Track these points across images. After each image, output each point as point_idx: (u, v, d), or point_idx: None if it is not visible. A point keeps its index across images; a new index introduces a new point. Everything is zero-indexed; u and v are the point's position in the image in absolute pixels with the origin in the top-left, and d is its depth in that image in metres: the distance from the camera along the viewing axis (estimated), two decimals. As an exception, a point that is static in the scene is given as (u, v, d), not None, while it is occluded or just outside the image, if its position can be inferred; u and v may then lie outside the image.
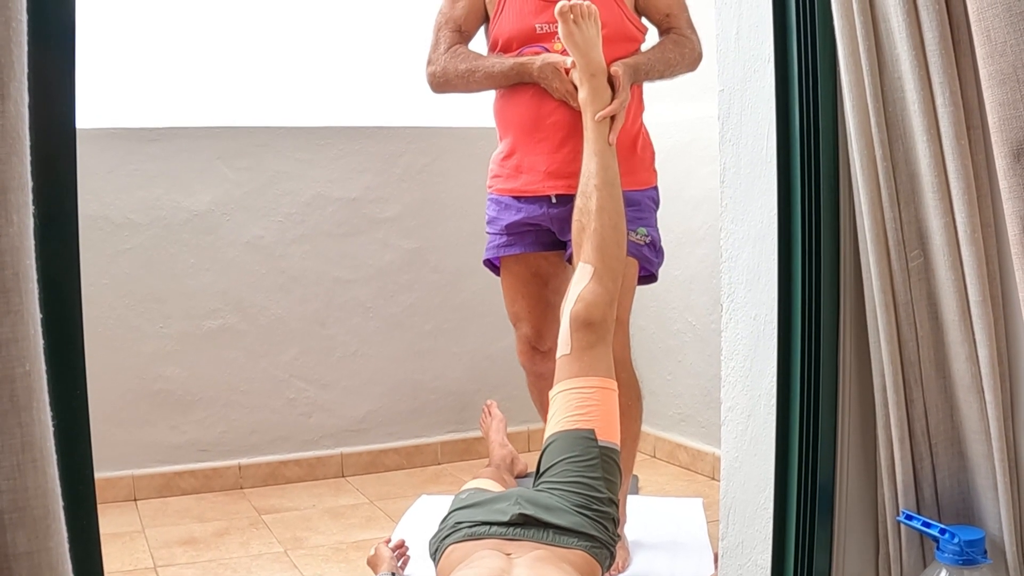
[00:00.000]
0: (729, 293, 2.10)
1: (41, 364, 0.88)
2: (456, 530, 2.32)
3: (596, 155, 2.76)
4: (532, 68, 2.92)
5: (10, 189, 0.85)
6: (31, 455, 0.86)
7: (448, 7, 3.12)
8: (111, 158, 3.88)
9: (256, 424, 4.16)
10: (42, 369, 0.88)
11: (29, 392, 0.86)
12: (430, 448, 4.47)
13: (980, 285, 1.73)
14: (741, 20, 2.03)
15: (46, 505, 0.87)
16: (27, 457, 0.86)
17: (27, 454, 0.86)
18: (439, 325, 4.47)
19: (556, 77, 2.88)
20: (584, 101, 2.82)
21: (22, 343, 0.85)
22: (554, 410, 2.50)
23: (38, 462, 0.86)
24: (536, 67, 2.91)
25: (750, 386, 2.03)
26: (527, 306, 3.20)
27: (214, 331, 4.07)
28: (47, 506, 0.87)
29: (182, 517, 3.75)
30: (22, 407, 0.85)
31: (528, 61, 2.93)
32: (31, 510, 0.85)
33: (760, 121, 1.98)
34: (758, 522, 2.01)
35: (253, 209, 4.10)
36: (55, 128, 1.26)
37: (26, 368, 0.86)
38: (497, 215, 3.12)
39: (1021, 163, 1.26)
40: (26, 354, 0.86)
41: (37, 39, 1.23)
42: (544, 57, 2.92)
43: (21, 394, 0.85)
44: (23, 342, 0.86)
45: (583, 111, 2.83)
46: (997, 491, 1.77)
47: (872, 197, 1.81)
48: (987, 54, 1.29)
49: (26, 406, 0.86)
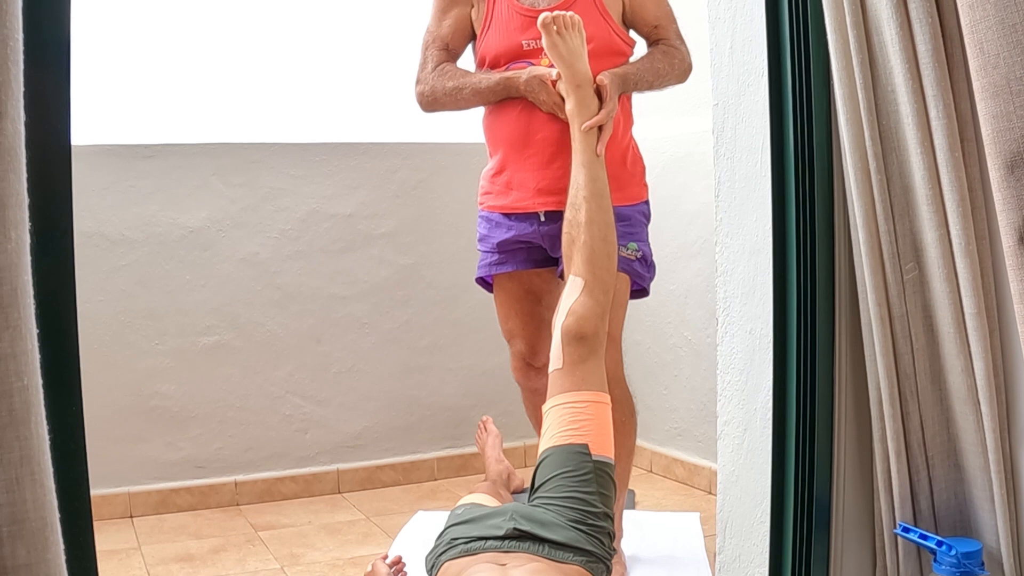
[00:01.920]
0: (725, 307, 2.10)
1: (38, 378, 0.89)
2: (452, 546, 2.31)
3: (584, 167, 2.74)
4: (519, 82, 2.91)
5: (8, 206, 0.86)
6: (29, 468, 0.86)
7: (435, 26, 3.11)
8: (106, 175, 3.88)
9: (252, 440, 4.15)
10: (39, 383, 0.89)
11: (27, 406, 0.86)
12: (426, 464, 4.46)
13: (975, 297, 1.73)
14: (735, 34, 2.04)
15: (44, 518, 0.87)
16: (25, 470, 0.86)
17: (25, 467, 0.86)
18: (435, 341, 4.47)
19: (543, 89, 2.87)
20: (571, 112, 2.80)
21: (20, 358, 0.86)
22: (547, 425, 2.49)
23: (36, 475, 0.87)
24: (522, 81, 2.90)
25: (746, 400, 2.04)
26: (521, 323, 3.19)
27: (210, 348, 4.07)
28: (45, 519, 0.88)
29: (178, 534, 3.74)
30: (20, 421, 0.86)
31: (514, 75, 2.92)
32: (29, 523, 0.86)
33: (754, 135, 1.99)
34: (755, 536, 2.01)
35: (248, 226, 4.10)
36: (51, 145, 1.27)
37: (24, 382, 0.86)
38: (488, 233, 3.12)
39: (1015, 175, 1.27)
40: (24, 369, 0.86)
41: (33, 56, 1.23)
42: (530, 70, 2.90)
43: (19, 408, 0.86)
44: (21, 357, 0.86)
45: (570, 123, 2.81)
46: (994, 503, 1.77)
47: (867, 210, 1.81)
48: (980, 66, 1.29)
49: (24, 420, 0.86)
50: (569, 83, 2.79)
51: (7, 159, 0.86)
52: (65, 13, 1.28)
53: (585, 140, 2.76)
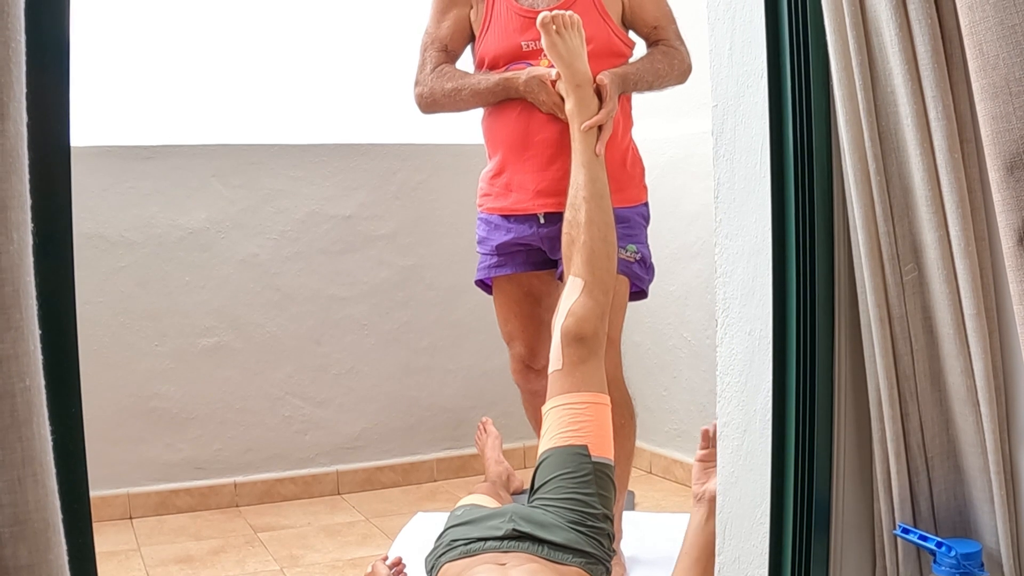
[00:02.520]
0: (724, 308, 2.10)
1: (40, 379, 0.89)
2: (452, 548, 2.31)
3: (584, 167, 2.73)
4: (518, 83, 2.91)
5: (10, 208, 0.86)
6: (31, 469, 0.86)
7: (433, 27, 3.11)
8: (106, 176, 3.89)
9: (252, 442, 4.15)
10: (41, 384, 0.89)
11: (29, 407, 0.87)
12: (426, 465, 4.46)
13: (975, 298, 1.73)
14: (734, 35, 2.03)
15: (46, 519, 0.88)
16: (28, 471, 0.86)
17: (28, 468, 0.86)
18: (434, 342, 4.47)
19: (542, 90, 2.87)
20: (571, 112, 2.79)
21: (22, 359, 0.86)
22: (547, 426, 2.49)
23: (39, 476, 0.87)
24: (522, 81, 2.90)
25: (745, 401, 2.03)
26: (520, 325, 3.19)
27: (209, 349, 4.07)
28: (47, 519, 0.88)
29: (178, 535, 3.74)
30: (23, 422, 0.86)
31: (513, 76, 2.92)
32: (32, 523, 0.86)
33: (754, 136, 1.98)
34: (754, 537, 2.01)
35: (248, 227, 4.10)
36: (50, 146, 1.27)
37: (26, 383, 0.86)
38: (487, 235, 3.11)
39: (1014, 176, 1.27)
40: (26, 370, 0.87)
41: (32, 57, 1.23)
42: (530, 71, 2.90)
43: (21, 409, 0.86)
44: (23, 358, 0.86)
45: (570, 123, 2.80)
46: (993, 504, 1.77)
47: (866, 211, 1.81)
48: (979, 67, 1.29)
49: (26, 421, 0.86)
50: (568, 83, 2.79)
51: (9, 161, 0.86)
52: (64, 14, 1.28)
53: (585, 140, 2.76)
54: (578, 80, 2.78)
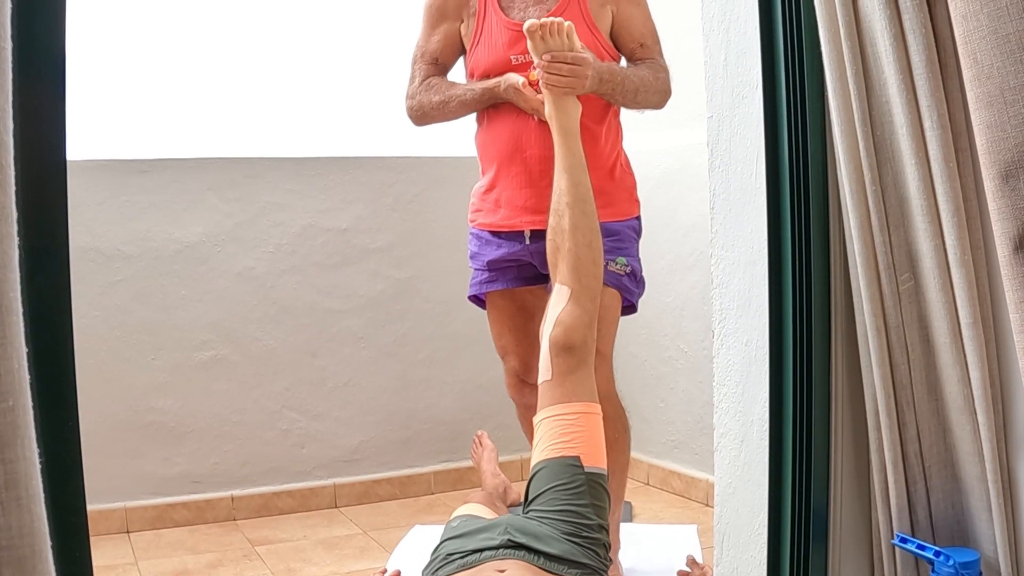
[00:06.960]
0: (720, 319, 2.10)
1: (27, 399, 0.86)
2: (448, 561, 2.30)
3: (566, 172, 2.71)
4: (499, 89, 2.93)
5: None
6: (15, 493, 0.84)
7: (423, 41, 3.12)
8: (102, 190, 3.88)
9: (249, 455, 4.14)
10: (28, 404, 0.86)
11: (13, 428, 0.84)
12: (423, 478, 4.46)
13: (971, 307, 1.74)
14: (729, 47, 2.04)
15: (32, 544, 0.85)
16: (11, 495, 0.84)
17: (11, 492, 0.84)
18: (431, 355, 4.46)
19: (519, 96, 2.88)
20: (550, 115, 2.79)
21: (5, 378, 0.84)
22: (539, 437, 2.48)
23: (23, 500, 0.85)
24: (502, 88, 2.92)
25: (743, 412, 2.04)
26: (514, 340, 3.19)
27: (206, 362, 4.06)
28: (33, 545, 0.85)
29: (175, 549, 3.73)
30: (6, 444, 0.84)
31: (494, 83, 2.94)
32: (16, 549, 0.84)
33: (749, 147, 1.99)
34: (752, 548, 2.01)
35: (244, 240, 4.10)
36: (46, 160, 1.27)
37: (9, 404, 0.84)
38: (479, 250, 3.12)
39: (1009, 184, 1.27)
40: (9, 389, 0.84)
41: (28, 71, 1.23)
42: (507, 77, 2.91)
43: (5, 431, 0.83)
44: (6, 377, 0.84)
45: (550, 124, 2.80)
46: (991, 512, 1.77)
47: (862, 221, 1.82)
48: (974, 77, 1.30)
49: (10, 443, 0.84)
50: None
51: (-9, 173, 0.84)
52: (60, 27, 1.28)
53: (567, 145, 2.74)
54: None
